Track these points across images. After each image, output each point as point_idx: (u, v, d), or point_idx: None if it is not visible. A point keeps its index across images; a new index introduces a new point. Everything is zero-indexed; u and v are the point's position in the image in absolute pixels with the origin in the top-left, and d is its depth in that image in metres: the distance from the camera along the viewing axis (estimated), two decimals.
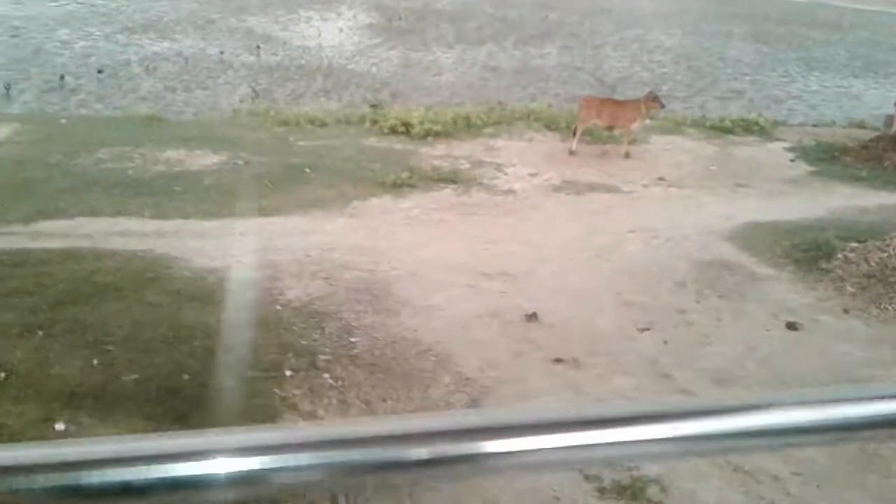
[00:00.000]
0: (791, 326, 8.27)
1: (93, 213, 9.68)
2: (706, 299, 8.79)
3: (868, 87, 29.20)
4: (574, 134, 14.17)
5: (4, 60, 23.29)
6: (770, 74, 30.52)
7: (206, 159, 12.26)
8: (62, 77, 21.35)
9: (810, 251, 9.91)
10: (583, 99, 14.81)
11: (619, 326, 8.08)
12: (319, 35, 33.56)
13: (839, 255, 9.63)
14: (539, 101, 21.81)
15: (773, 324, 8.34)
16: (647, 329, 8.03)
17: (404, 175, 11.92)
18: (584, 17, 48.91)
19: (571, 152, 14.05)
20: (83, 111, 17.14)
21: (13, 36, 27.49)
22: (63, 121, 14.31)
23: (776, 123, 17.80)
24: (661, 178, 12.91)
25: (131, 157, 12.05)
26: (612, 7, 56.66)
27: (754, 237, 10.45)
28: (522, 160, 13.61)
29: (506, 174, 12.78)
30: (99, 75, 21.93)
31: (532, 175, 12.79)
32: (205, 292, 7.75)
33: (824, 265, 9.55)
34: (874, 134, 16.55)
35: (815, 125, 18.65)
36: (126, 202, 10.12)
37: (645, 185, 12.59)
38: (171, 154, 12.32)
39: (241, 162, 12.22)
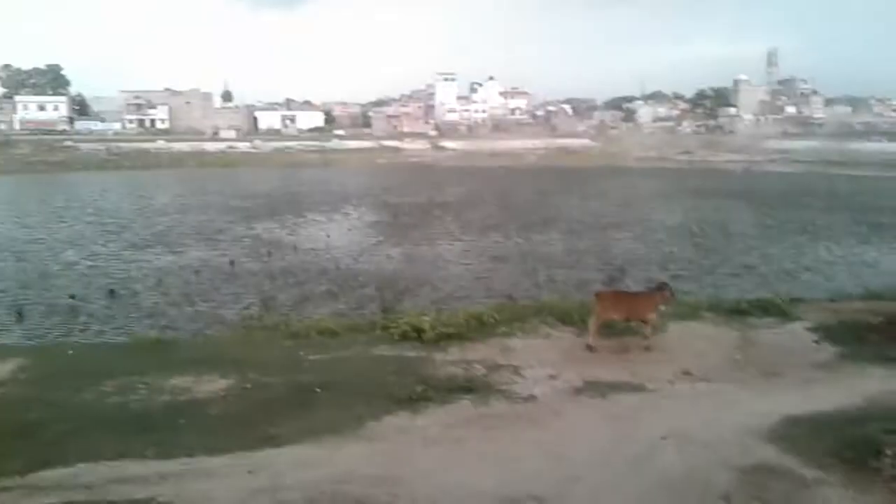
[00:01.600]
0: None
1: (94, 457, 9.12)
2: None
3: (881, 253, 29.25)
4: (591, 330, 13.84)
5: (11, 285, 23.58)
6: (778, 247, 30.67)
7: (212, 384, 11.85)
8: (73, 297, 21.51)
9: (856, 448, 9.22)
10: (597, 294, 14.58)
11: None
12: (326, 237, 34.29)
13: (888, 452, 8.93)
14: (548, 289, 21.81)
15: None
16: None
17: (419, 388, 11.43)
18: (585, 199, 50.33)
19: (590, 348, 13.64)
20: (90, 334, 16.96)
21: (19, 260, 28.05)
22: (70, 351, 14.06)
23: (793, 301, 17.46)
24: (686, 372, 12.40)
25: (136, 387, 11.66)
26: (609, 190, 58.52)
27: (795, 435, 9.79)
28: (540, 360, 13.16)
29: (524, 377, 12.29)
30: (110, 296, 22.09)
31: (552, 377, 12.29)
32: None
33: (874, 464, 8.85)
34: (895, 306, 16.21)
35: (832, 300, 18.31)
36: (129, 441, 9.59)
37: (671, 382, 12.05)
38: (177, 381, 11.93)
39: (248, 385, 11.80)
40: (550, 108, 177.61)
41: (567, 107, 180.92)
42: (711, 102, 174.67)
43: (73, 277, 25.12)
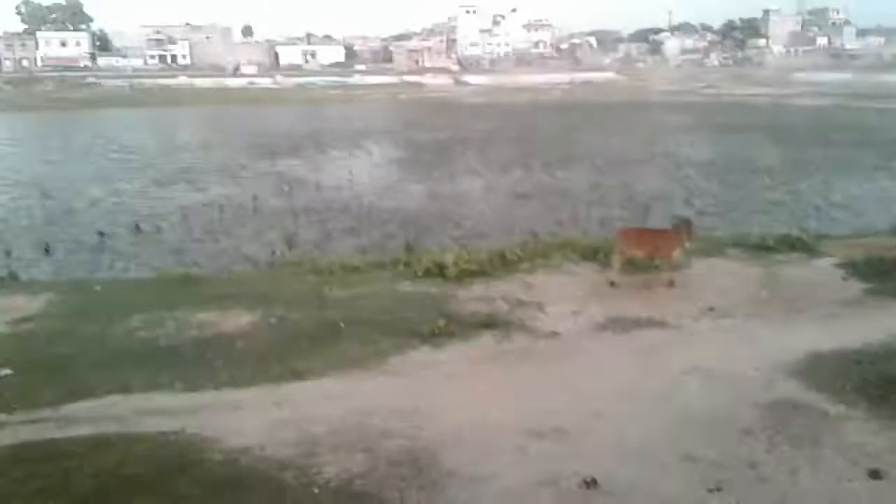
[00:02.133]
0: (874, 475, 7.51)
1: (124, 389, 9.34)
2: (777, 448, 8.05)
3: None
4: (613, 266, 13.79)
5: (37, 221, 23.88)
6: (806, 182, 30.22)
7: (239, 319, 12.00)
8: (101, 234, 21.82)
9: (882, 384, 9.20)
10: (619, 230, 14.48)
11: (686, 487, 7.37)
12: (350, 174, 34.25)
13: None
14: (572, 227, 21.67)
15: (854, 473, 7.58)
16: (718, 489, 7.31)
17: (441, 323, 11.47)
18: (609, 135, 49.63)
19: (613, 284, 13.60)
20: (117, 271, 17.20)
21: (44, 196, 28.34)
22: (97, 287, 14.27)
23: (820, 237, 17.26)
24: (710, 308, 12.31)
25: (164, 322, 11.84)
26: (635, 124, 57.61)
27: (819, 370, 9.77)
28: (563, 296, 13.14)
29: (547, 314, 12.28)
30: (136, 232, 22.39)
31: (574, 313, 12.28)
32: (238, 478, 7.25)
33: None
34: None
35: (860, 236, 18.05)
36: (158, 375, 9.79)
37: (694, 318, 11.99)
38: (203, 316, 12.09)
39: (274, 320, 11.93)
40: (575, 41, 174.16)
41: (592, 39, 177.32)
42: (741, 33, 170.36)
43: (97, 214, 25.42)
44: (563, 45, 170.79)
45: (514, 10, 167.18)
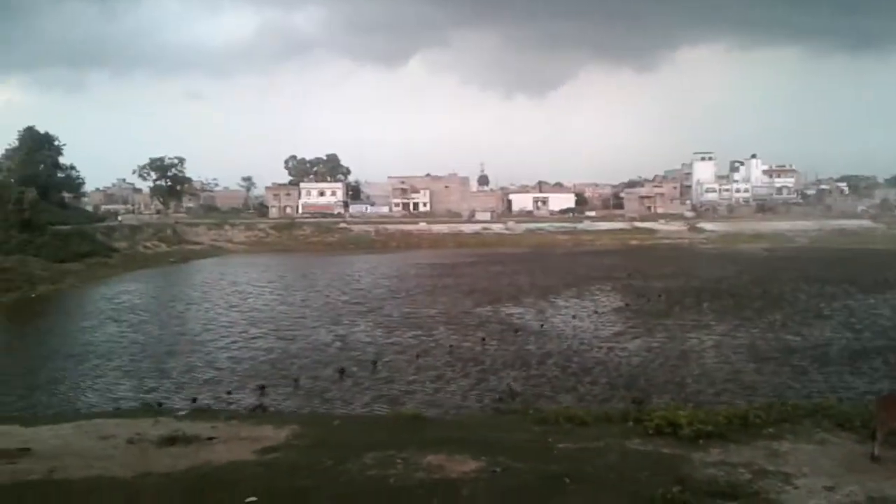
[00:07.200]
0: None
1: None
2: None
3: None
4: (874, 437, 12.25)
5: (275, 357, 26.06)
6: None
7: (464, 465, 11.97)
8: (342, 371, 23.30)
9: None
10: (881, 398, 12.95)
11: None
12: (572, 321, 34.17)
13: None
14: (825, 395, 19.66)
15: None
16: None
17: (675, 489, 10.67)
18: (869, 290, 45.51)
19: (874, 458, 12.04)
20: (353, 405, 18.07)
21: (280, 338, 30.92)
22: (336, 422, 15.04)
23: None
24: None
25: (394, 462, 12.09)
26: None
27: None
28: (815, 469, 11.81)
29: (796, 487, 11.05)
30: (372, 369, 23.73)
31: (828, 489, 10.94)
32: None
33: None
34: None
35: None
36: None
37: None
38: (431, 459, 12.21)
39: (498, 469, 11.76)
40: (823, 186, 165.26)
41: (843, 185, 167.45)
42: None
43: (334, 352, 27.26)
44: (810, 191, 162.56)
45: (753, 156, 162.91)
